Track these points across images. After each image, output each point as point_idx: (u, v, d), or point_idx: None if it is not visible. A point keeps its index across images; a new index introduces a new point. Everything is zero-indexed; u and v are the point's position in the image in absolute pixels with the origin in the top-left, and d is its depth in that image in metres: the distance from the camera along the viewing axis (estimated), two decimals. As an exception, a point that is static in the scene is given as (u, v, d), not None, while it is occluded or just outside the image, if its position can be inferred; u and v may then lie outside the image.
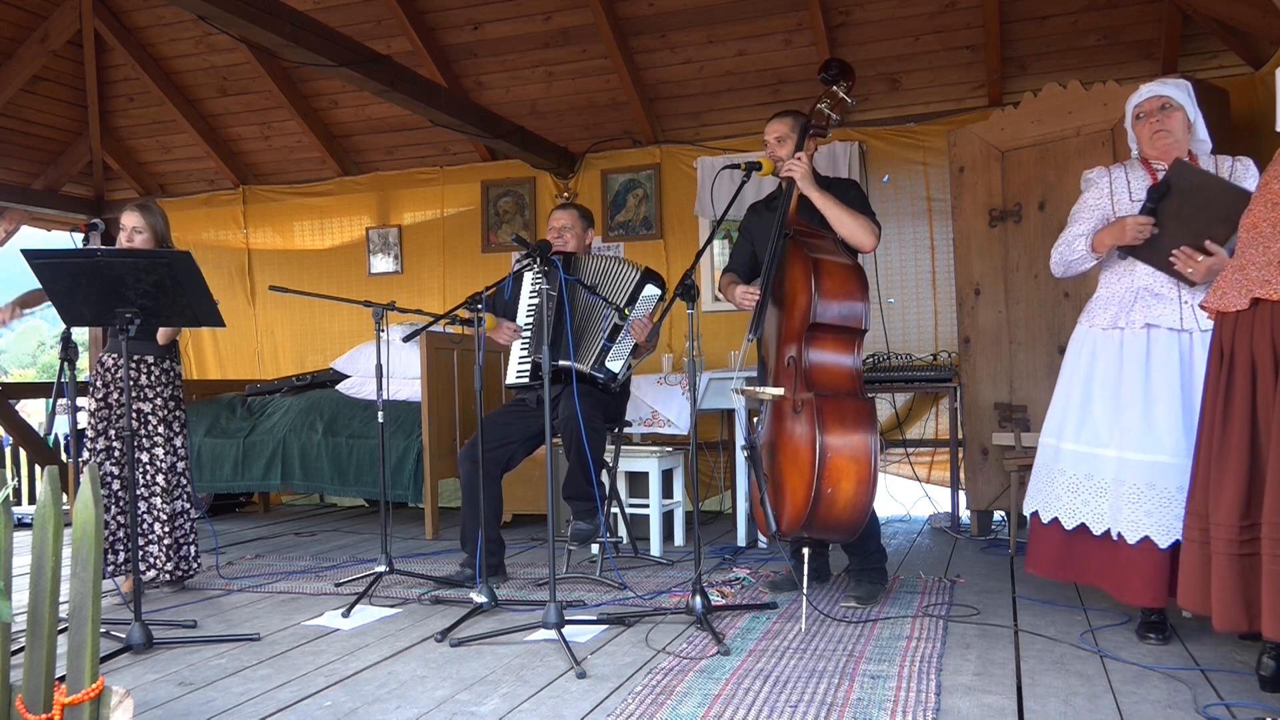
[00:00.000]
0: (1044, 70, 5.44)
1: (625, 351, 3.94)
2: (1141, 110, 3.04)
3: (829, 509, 3.16)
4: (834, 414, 3.19)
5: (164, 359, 3.90)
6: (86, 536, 1.90)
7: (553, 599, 3.05)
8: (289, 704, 2.56)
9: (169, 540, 3.82)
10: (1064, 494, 3.01)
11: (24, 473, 6.90)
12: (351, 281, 6.95)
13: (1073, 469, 3.00)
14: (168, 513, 3.82)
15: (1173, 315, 2.88)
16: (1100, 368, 2.98)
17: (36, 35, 6.44)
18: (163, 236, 3.91)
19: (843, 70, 3.49)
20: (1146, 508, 2.82)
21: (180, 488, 3.88)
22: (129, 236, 3.85)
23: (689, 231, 6.23)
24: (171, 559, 3.83)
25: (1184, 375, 2.83)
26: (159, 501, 3.82)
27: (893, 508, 5.65)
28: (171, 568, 3.83)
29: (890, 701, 2.45)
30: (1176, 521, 2.75)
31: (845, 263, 3.38)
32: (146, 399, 3.85)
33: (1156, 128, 2.99)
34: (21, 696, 1.91)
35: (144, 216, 3.87)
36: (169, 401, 3.89)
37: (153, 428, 3.84)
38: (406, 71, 5.09)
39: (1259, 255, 2.42)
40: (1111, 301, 3.01)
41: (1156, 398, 2.85)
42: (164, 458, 3.84)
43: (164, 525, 3.82)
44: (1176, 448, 2.79)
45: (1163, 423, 2.83)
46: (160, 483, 3.83)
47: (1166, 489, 2.80)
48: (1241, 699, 2.42)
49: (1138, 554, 2.83)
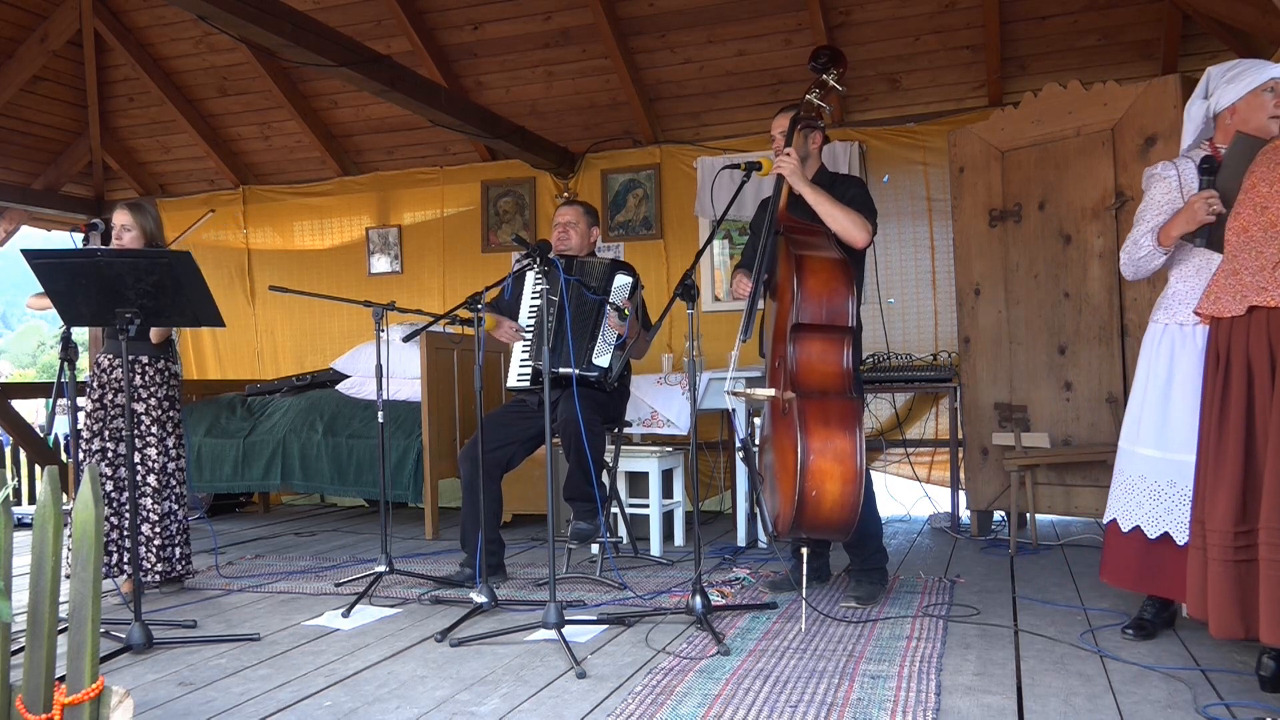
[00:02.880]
0: (1044, 70, 5.44)
1: (610, 345, 3.93)
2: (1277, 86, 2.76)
3: (815, 510, 3.10)
4: (817, 415, 3.12)
5: (159, 359, 3.90)
6: (86, 536, 1.90)
7: (553, 599, 3.05)
8: (289, 704, 2.56)
9: (158, 541, 3.82)
10: (1145, 500, 2.89)
11: (24, 473, 6.90)
12: (351, 281, 6.96)
13: (1154, 475, 2.87)
14: (158, 514, 3.82)
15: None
16: (1180, 367, 2.84)
17: (36, 35, 6.44)
18: (153, 236, 3.91)
19: (833, 58, 3.41)
20: None
21: (171, 489, 3.87)
22: (117, 234, 3.87)
23: (689, 231, 6.23)
24: (160, 559, 3.82)
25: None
26: (149, 502, 3.82)
27: (893, 508, 5.65)
28: (163, 569, 3.83)
29: (890, 701, 2.45)
30: None
31: (831, 258, 3.26)
32: (140, 399, 3.85)
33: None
34: (21, 696, 1.91)
35: (133, 215, 3.87)
36: (163, 402, 3.88)
37: (145, 428, 3.84)
38: (406, 71, 5.09)
39: (1252, 260, 2.41)
40: (1189, 296, 2.84)
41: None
42: (156, 458, 3.84)
43: (153, 526, 3.82)
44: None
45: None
46: (152, 483, 3.83)
47: None
48: (1241, 699, 2.42)
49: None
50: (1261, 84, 2.76)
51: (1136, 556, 2.92)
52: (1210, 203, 2.70)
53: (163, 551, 3.83)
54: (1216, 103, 2.85)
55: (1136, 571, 2.93)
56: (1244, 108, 2.79)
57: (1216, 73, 2.88)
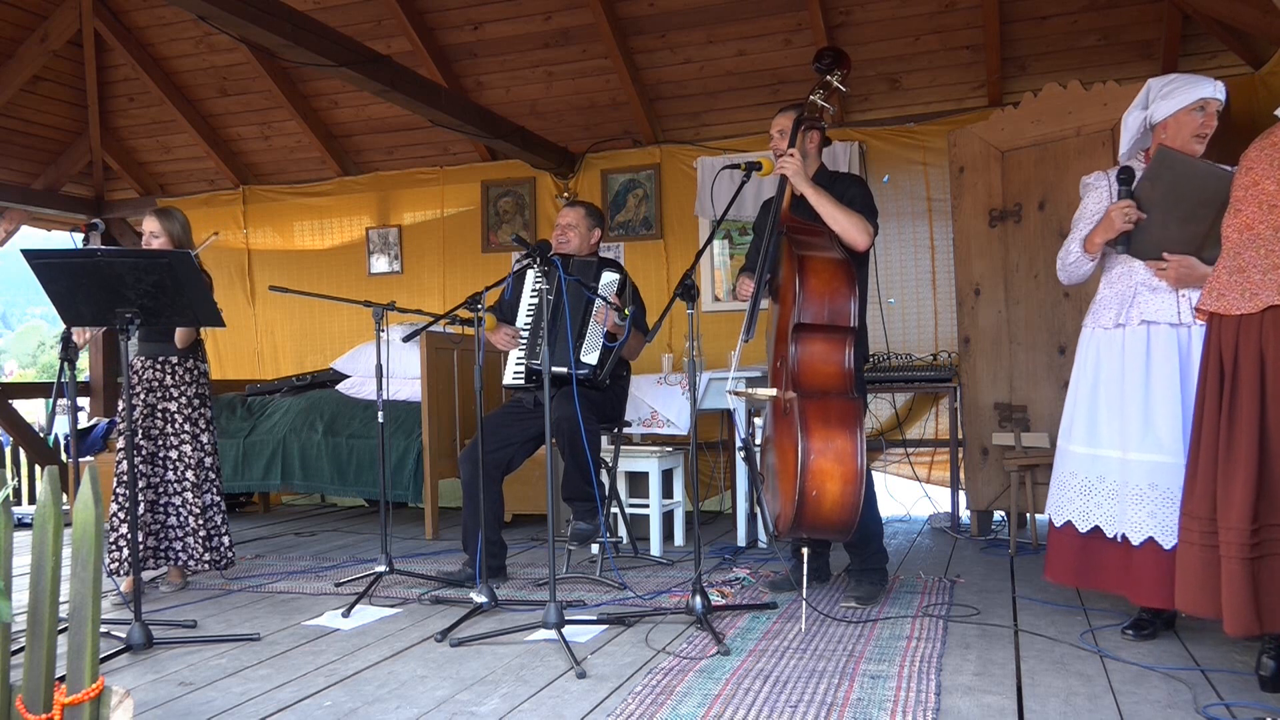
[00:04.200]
0: (1044, 70, 5.44)
1: (598, 342, 3.93)
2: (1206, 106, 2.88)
3: (815, 510, 3.11)
4: (817, 415, 3.13)
5: (188, 358, 3.99)
6: (86, 536, 1.90)
7: (553, 599, 3.05)
8: (289, 704, 2.56)
9: (203, 533, 3.93)
10: (1076, 497, 3.00)
11: (24, 473, 6.90)
12: (351, 281, 6.95)
13: (1085, 471, 2.99)
14: (199, 506, 3.92)
15: (1170, 310, 2.86)
16: (1105, 369, 2.97)
17: (36, 35, 6.44)
18: (180, 242, 3.97)
19: (836, 58, 3.42)
20: (1149, 508, 2.82)
21: (210, 481, 3.99)
22: (146, 241, 3.95)
23: (689, 231, 6.23)
24: (207, 549, 3.94)
25: (1183, 371, 2.83)
26: (190, 496, 3.92)
27: (893, 508, 5.65)
28: (210, 558, 3.94)
29: (890, 701, 2.45)
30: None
31: (833, 258, 3.28)
32: (171, 398, 3.94)
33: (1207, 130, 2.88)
34: (21, 696, 1.91)
35: (162, 222, 3.95)
36: (194, 399, 3.98)
37: (179, 425, 3.94)
38: (406, 71, 5.09)
39: (1260, 259, 2.41)
40: (1113, 301, 2.99)
41: (1156, 397, 2.85)
42: (191, 454, 3.94)
43: (197, 519, 3.92)
44: (1175, 447, 2.79)
45: (1162, 423, 2.83)
46: (190, 478, 3.93)
47: (1169, 489, 2.79)
48: (1241, 699, 2.42)
49: (1142, 555, 2.83)
50: (1191, 103, 2.88)
51: (1073, 552, 3.02)
52: (1126, 212, 2.86)
53: (209, 542, 3.94)
54: (1152, 115, 2.96)
55: (1075, 567, 3.02)
56: (1173, 124, 2.91)
57: (1156, 85, 2.98)
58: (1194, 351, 2.80)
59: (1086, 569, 3.00)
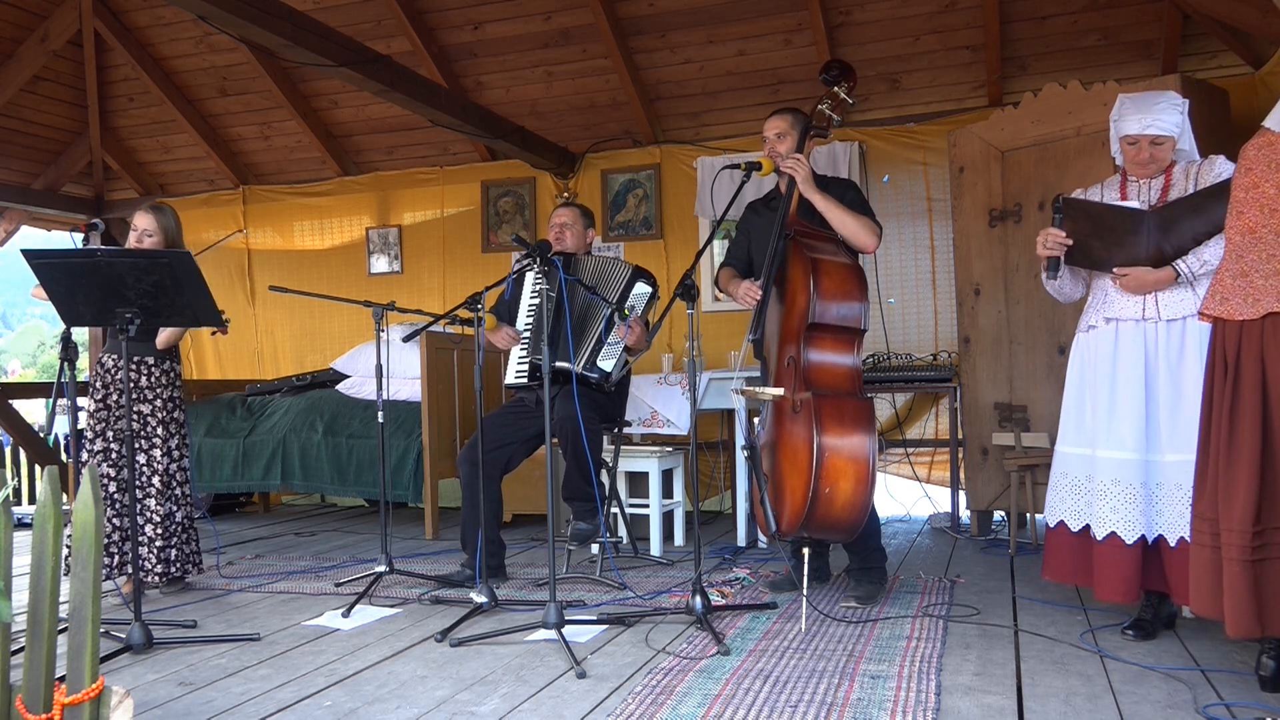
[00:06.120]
0: (1044, 70, 5.44)
1: (617, 351, 3.94)
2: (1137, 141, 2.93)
3: (827, 509, 3.16)
4: (832, 414, 3.20)
5: (164, 360, 3.89)
6: (86, 536, 1.90)
7: (553, 599, 3.05)
8: (289, 704, 2.56)
9: (160, 542, 3.80)
10: (1068, 496, 3.04)
11: (24, 473, 6.90)
12: (351, 281, 6.95)
13: (1075, 471, 3.04)
14: (160, 514, 3.81)
15: (1134, 307, 2.90)
16: (1087, 370, 3.04)
17: (36, 35, 6.44)
18: (174, 239, 3.89)
19: (844, 71, 3.53)
20: (1111, 504, 2.88)
21: (173, 489, 3.86)
22: (139, 238, 3.83)
23: (689, 231, 6.23)
24: (161, 561, 3.80)
25: (1148, 366, 2.87)
26: (153, 504, 3.81)
27: (893, 508, 5.65)
28: (161, 570, 3.80)
29: (890, 701, 2.45)
30: (1141, 517, 2.83)
31: (845, 263, 3.39)
32: (146, 400, 3.85)
33: (1146, 159, 2.94)
34: (21, 696, 1.91)
35: (156, 218, 3.85)
36: (168, 403, 3.88)
37: (151, 429, 3.83)
38: (406, 71, 5.09)
39: (1263, 263, 2.41)
40: (1091, 305, 3.08)
41: (1120, 395, 2.90)
42: (160, 460, 3.83)
43: (155, 528, 3.80)
44: (1138, 443, 2.84)
45: (1125, 419, 2.88)
46: (156, 484, 3.82)
47: (1131, 484, 2.85)
48: (1241, 699, 2.42)
49: (1106, 550, 2.88)
50: (1123, 136, 2.96)
51: (1067, 551, 3.05)
52: (1045, 240, 2.97)
53: (162, 553, 3.81)
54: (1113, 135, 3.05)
55: (1070, 565, 3.05)
56: (1120, 151, 3.02)
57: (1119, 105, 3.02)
58: (1160, 346, 2.84)
59: (1081, 568, 3.02)
